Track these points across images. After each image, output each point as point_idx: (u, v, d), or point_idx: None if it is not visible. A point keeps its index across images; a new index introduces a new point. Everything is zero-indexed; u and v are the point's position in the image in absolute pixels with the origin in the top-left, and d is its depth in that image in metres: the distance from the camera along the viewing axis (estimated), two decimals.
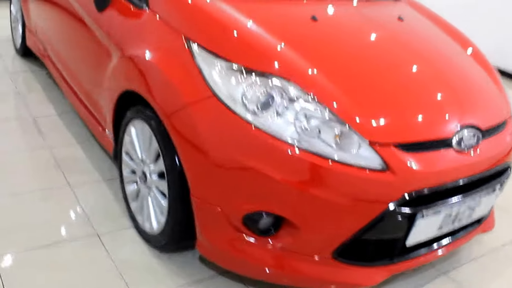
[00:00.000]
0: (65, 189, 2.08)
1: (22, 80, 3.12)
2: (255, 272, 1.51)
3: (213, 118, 1.39)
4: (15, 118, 2.63)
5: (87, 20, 2.05)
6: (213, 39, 1.48)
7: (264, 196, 1.37)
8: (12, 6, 3.56)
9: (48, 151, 2.34)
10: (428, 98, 1.52)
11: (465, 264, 1.94)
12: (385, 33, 1.80)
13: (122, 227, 1.89)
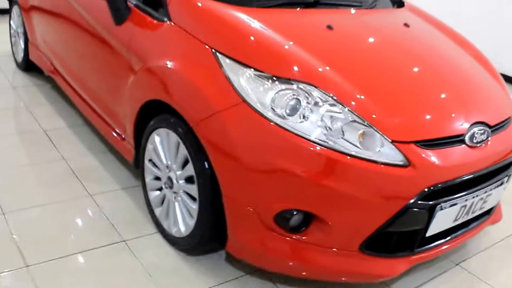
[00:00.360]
0: (87, 199, 2.14)
1: (27, 94, 3.17)
2: (285, 268, 1.60)
3: (244, 123, 1.48)
4: (26, 132, 2.69)
5: (103, 33, 2.13)
6: (239, 49, 1.58)
7: (295, 194, 1.47)
8: (11, 21, 3.62)
9: (64, 163, 2.41)
10: (441, 98, 1.64)
11: (475, 255, 2.06)
12: (394, 39, 1.93)
13: (147, 233, 1.96)
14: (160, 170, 1.89)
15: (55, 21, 2.69)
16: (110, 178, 2.32)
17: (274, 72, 1.51)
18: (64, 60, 2.70)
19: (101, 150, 2.56)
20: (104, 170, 2.38)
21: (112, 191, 2.22)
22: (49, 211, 2.03)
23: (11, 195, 2.10)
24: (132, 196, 2.20)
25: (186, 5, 1.77)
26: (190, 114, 1.60)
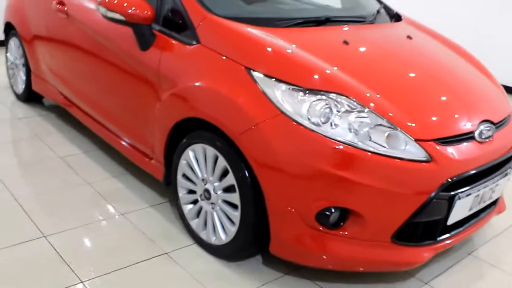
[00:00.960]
0: (120, 218, 2.27)
1: (35, 125, 3.27)
2: (326, 263, 1.78)
3: (284, 133, 1.68)
4: (44, 160, 2.79)
5: (125, 59, 2.29)
6: (271, 66, 1.79)
7: (333, 193, 1.67)
8: (8, 53, 3.72)
9: (89, 187, 2.53)
10: (451, 100, 1.90)
11: (484, 244, 2.30)
12: (402, 49, 2.20)
13: (185, 244, 2.11)
14: (195, 183, 2.05)
15: (67, 50, 2.83)
16: (137, 197, 2.46)
17: (307, 85, 1.73)
18: (77, 87, 2.84)
19: (121, 172, 2.69)
20: (129, 190, 2.52)
21: (141, 209, 2.36)
22: (88, 231, 2.15)
23: (48, 219, 2.21)
24: (162, 212, 2.34)
25: (216, 29, 1.98)
26: (231, 128, 1.79)
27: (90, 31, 2.55)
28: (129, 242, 2.10)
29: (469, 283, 2.03)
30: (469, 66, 2.30)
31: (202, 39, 1.98)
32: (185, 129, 2.07)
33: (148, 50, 2.15)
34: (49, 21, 2.99)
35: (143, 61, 2.19)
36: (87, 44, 2.60)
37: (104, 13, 2.16)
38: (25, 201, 2.34)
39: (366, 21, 2.41)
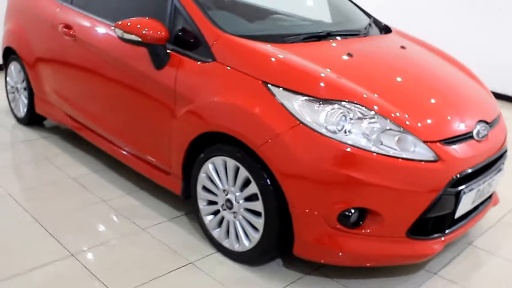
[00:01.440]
0: (142, 233, 2.37)
1: (40, 147, 3.34)
2: (347, 260, 1.94)
3: (304, 141, 1.83)
4: (56, 181, 2.86)
5: (139, 79, 2.41)
6: (287, 79, 1.94)
7: (353, 194, 1.83)
8: (8, 78, 3.77)
9: (106, 204, 2.62)
10: (451, 104, 2.10)
11: (482, 234, 2.50)
12: (400, 59, 2.39)
13: (208, 253, 2.23)
14: (215, 195, 2.18)
15: (76, 72, 2.92)
16: (154, 212, 2.56)
17: (322, 95, 1.89)
18: (87, 109, 2.93)
19: (134, 189, 2.79)
20: (145, 206, 2.62)
21: (161, 223, 2.46)
22: (113, 247, 2.25)
23: (72, 238, 2.30)
24: (180, 224, 2.45)
25: (231, 46, 2.12)
26: (252, 140, 1.93)
27: (102, 53, 2.66)
28: (154, 254, 2.21)
29: (472, 270, 2.23)
30: (459, 72, 2.52)
31: (217, 57, 2.12)
32: (202, 144, 2.20)
33: (163, 69, 2.28)
34: (54, 44, 3.08)
35: (158, 80, 2.31)
36: (98, 66, 2.70)
37: (121, 35, 2.28)
38: (46, 222, 2.42)
39: (361, 34, 2.60)
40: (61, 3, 3.11)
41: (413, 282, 2.11)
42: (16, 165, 3.08)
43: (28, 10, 3.42)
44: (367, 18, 2.90)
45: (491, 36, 5.15)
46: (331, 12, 3.02)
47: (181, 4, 2.30)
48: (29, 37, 3.38)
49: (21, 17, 3.50)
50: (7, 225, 2.38)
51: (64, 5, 3.07)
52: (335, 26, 2.76)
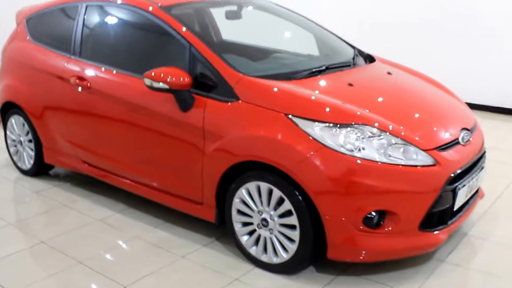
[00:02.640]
0: (182, 260, 2.71)
1: (57, 195, 3.58)
2: (372, 256, 2.38)
3: (328, 160, 2.27)
4: (85, 225, 3.13)
5: (166, 121, 2.76)
6: (307, 110, 2.39)
7: (374, 200, 2.28)
8: (8, 132, 3.99)
9: (140, 239, 2.93)
10: (438, 118, 2.62)
11: (474, 225, 3.01)
12: (390, 84, 2.92)
13: (248, 269, 2.60)
14: (250, 216, 2.56)
15: (94, 121, 3.23)
16: (186, 241, 2.89)
17: (338, 121, 2.35)
18: (107, 153, 3.24)
19: (160, 223, 3.11)
20: (176, 237, 2.95)
21: (197, 249, 2.80)
22: (160, 276, 2.57)
23: (120, 273, 2.59)
24: (215, 248, 2.81)
25: (252, 86, 2.55)
26: (283, 164, 2.34)
27: (122, 101, 3.00)
28: (201, 276, 2.55)
29: (472, 254, 2.74)
30: (437, 89, 3.08)
31: (241, 97, 2.54)
32: (231, 173, 2.58)
33: (190, 111, 2.67)
34: (66, 96, 3.37)
35: (185, 121, 2.69)
36: (119, 113, 3.04)
37: (150, 84, 2.66)
38: (91, 263, 2.70)
39: (351, 65, 3.11)
40: (69, 56, 3.44)
41: (427, 269, 2.57)
42: (40, 215, 3.32)
43: (30, 65, 3.70)
44: (351, 48, 3.43)
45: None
46: (318, 46, 3.54)
47: (199, 52, 2.71)
48: (34, 91, 3.65)
49: (22, 72, 3.77)
50: (54, 270, 2.64)
51: (72, 58, 3.40)
52: (328, 60, 3.21)
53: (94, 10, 3.44)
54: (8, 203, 3.55)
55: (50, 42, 3.66)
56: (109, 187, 3.48)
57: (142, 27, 3.26)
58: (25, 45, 3.83)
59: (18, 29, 4.00)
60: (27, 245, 2.93)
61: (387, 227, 2.33)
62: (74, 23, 3.47)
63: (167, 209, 3.09)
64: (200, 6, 3.58)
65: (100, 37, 3.50)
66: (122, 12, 3.34)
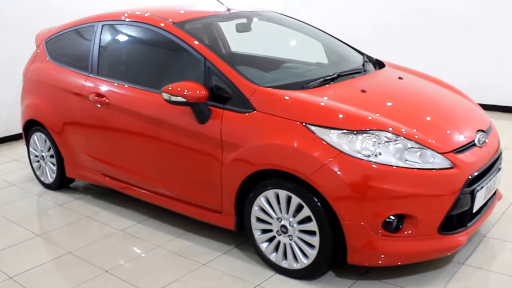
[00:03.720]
0: (204, 267, 2.74)
1: (79, 207, 3.65)
2: (391, 260, 2.37)
3: (346, 166, 2.29)
4: (108, 236, 3.20)
5: (185, 133, 2.81)
6: (323, 118, 2.42)
7: (393, 204, 2.28)
8: (31, 148, 4.10)
9: (162, 249, 2.97)
10: (454, 121, 2.63)
11: (493, 226, 2.98)
12: (402, 88, 2.94)
13: (269, 275, 2.61)
14: (269, 223, 2.59)
15: (113, 135, 3.30)
16: (207, 249, 2.93)
17: (353, 127, 2.37)
18: (127, 166, 3.30)
19: (181, 233, 3.15)
20: (197, 245, 2.98)
21: (218, 257, 2.83)
22: (184, 283, 2.61)
23: (146, 281, 2.64)
24: (235, 255, 2.84)
25: (267, 97, 2.58)
26: (302, 171, 2.37)
27: (140, 115, 3.06)
28: (223, 284, 2.58)
29: (492, 256, 2.70)
30: (449, 92, 3.08)
31: (257, 107, 2.58)
32: (249, 182, 2.61)
33: (207, 123, 2.71)
34: (85, 112, 3.46)
35: (203, 133, 2.74)
36: (138, 126, 3.10)
37: (168, 98, 2.71)
38: (117, 272, 2.76)
39: (362, 72, 3.11)
40: (87, 74, 3.52)
41: (447, 272, 2.55)
42: (64, 226, 3.40)
43: (50, 84, 3.80)
44: (360, 55, 3.45)
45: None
46: (326, 54, 3.56)
47: (214, 65, 2.76)
48: (55, 108, 3.75)
49: (43, 91, 3.88)
50: (82, 280, 2.70)
51: (90, 76, 3.49)
52: (338, 67, 3.21)
53: (110, 29, 3.53)
54: (34, 215, 3.65)
55: (69, 62, 3.76)
56: (128, 198, 3.55)
57: (157, 43, 3.34)
58: (45, 66, 3.94)
59: (38, 50, 4.11)
60: (55, 255, 3.00)
61: (406, 231, 2.33)
62: (90, 42, 3.57)
63: (186, 218, 3.13)
64: (210, 21, 3.64)
65: (116, 54, 3.59)
66: (136, 30, 3.42)
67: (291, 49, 3.81)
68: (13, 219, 3.51)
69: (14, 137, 5.45)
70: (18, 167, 4.60)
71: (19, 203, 3.81)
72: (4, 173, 4.47)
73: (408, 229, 2.33)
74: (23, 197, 3.92)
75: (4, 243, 3.15)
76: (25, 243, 3.15)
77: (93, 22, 3.62)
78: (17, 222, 3.45)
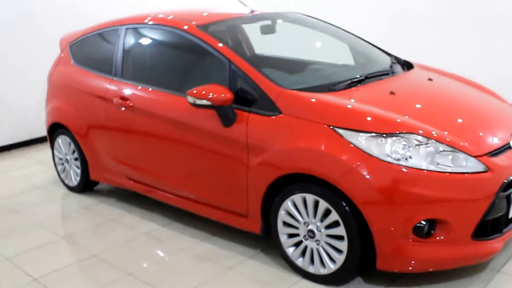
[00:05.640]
0: (230, 272, 2.71)
1: (104, 210, 3.67)
2: (423, 266, 2.31)
3: (375, 170, 2.23)
4: (132, 239, 3.19)
5: (210, 137, 2.79)
6: (351, 121, 2.36)
7: (424, 208, 2.22)
8: (55, 151, 4.14)
9: (186, 252, 2.95)
10: (487, 123, 2.54)
11: None
12: (433, 90, 2.87)
13: (295, 281, 2.57)
14: (296, 228, 2.54)
15: (137, 138, 3.30)
16: (232, 253, 2.89)
17: (383, 130, 2.31)
18: (152, 170, 3.29)
19: (206, 236, 3.12)
20: (222, 249, 2.95)
21: (242, 261, 2.80)
22: (210, 286, 2.58)
23: (170, 284, 2.62)
24: (260, 260, 2.80)
25: (294, 100, 2.54)
26: (330, 175, 2.32)
27: (164, 118, 3.05)
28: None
29: None
30: (482, 93, 2.99)
31: (283, 110, 2.54)
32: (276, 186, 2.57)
33: (232, 126, 2.68)
34: (110, 116, 3.47)
35: (228, 136, 2.71)
36: (162, 130, 3.09)
37: (193, 101, 2.69)
38: (140, 275, 2.75)
39: (390, 74, 3.05)
40: (111, 77, 3.54)
41: (481, 280, 2.47)
42: (89, 229, 3.42)
43: (75, 87, 3.83)
44: (387, 56, 3.38)
45: None
46: (352, 55, 3.50)
47: (239, 68, 2.74)
48: (80, 111, 3.77)
49: (68, 95, 3.91)
50: (105, 282, 2.70)
51: (115, 79, 3.50)
52: (365, 69, 3.16)
53: (134, 33, 3.54)
54: (59, 218, 3.68)
55: (93, 65, 3.78)
56: (152, 201, 3.54)
57: (181, 46, 3.33)
58: (70, 69, 3.97)
59: (62, 54, 4.16)
60: (79, 257, 3.02)
61: (438, 236, 2.26)
62: (114, 46, 3.58)
63: (210, 222, 3.11)
64: (234, 23, 3.62)
65: (140, 58, 3.59)
66: (160, 33, 3.42)
67: (316, 50, 3.75)
68: (38, 221, 3.54)
69: (39, 140, 5.53)
70: (43, 170, 4.65)
71: (43, 206, 3.85)
72: (29, 176, 4.53)
73: (440, 234, 2.26)
74: (47, 200, 3.96)
75: (30, 245, 3.18)
76: (49, 245, 3.18)
77: (117, 25, 3.63)
78: (42, 225, 3.48)
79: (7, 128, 5.34)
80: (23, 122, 5.43)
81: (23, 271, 2.87)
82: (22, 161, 5.00)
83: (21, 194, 4.10)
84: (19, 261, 2.99)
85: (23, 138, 5.49)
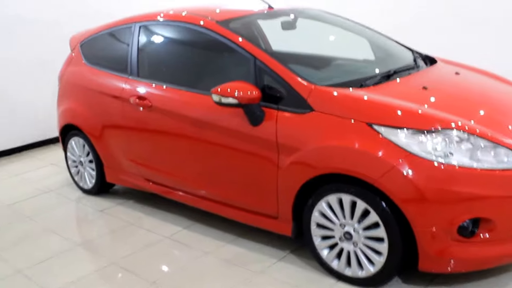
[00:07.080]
0: (262, 275, 2.59)
1: (121, 213, 3.52)
2: (467, 266, 2.22)
3: (416, 168, 2.12)
4: (154, 243, 3.06)
5: (236, 136, 2.66)
6: (390, 118, 2.25)
7: (468, 207, 2.12)
8: (69, 153, 3.99)
9: (211, 256, 2.83)
10: None
11: None
12: (462, 84, 2.77)
13: (329, 284, 2.46)
14: (331, 229, 2.43)
15: (157, 138, 3.16)
16: (261, 256, 2.78)
17: (423, 127, 2.20)
18: (173, 171, 3.15)
19: (232, 239, 3.00)
20: (250, 252, 2.83)
21: (273, 264, 2.68)
22: None
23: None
24: (292, 262, 2.68)
25: (326, 96, 2.42)
26: (368, 174, 2.21)
27: (187, 118, 2.91)
28: None
29: None
30: (508, 87, 2.88)
31: (315, 107, 2.42)
32: (308, 187, 2.45)
33: (261, 125, 2.56)
34: (126, 116, 3.32)
35: (256, 135, 2.58)
36: (184, 130, 2.95)
37: (218, 100, 2.56)
38: (164, 281, 2.62)
39: (415, 68, 2.94)
40: (126, 76, 3.39)
41: None
42: (107, 234, 3.27)
43: (87, 87, 3.68)
44: (408, 51, 3.27)
45: None
46: (373, 50, 3.38)
47: (265, 65, 2.61)
48: (93, 112, 3.62)
49: (80, 95, 3.76)
50: None
51: (130, 78, 3.36)
52: (389, 64, 3.04)
53: (149, 30, 3.40)
54: (73, 223, 3.53)
55: (106, 64, 3.64)
56: (172, 203, 3.41)
57: (200, 43, 3.19)
58: (81, 69, 3.83)
59: (73, 53, 4.00)
60: (98, 266, 2.85)
61: (483, 235, 2.16)
62: (128, 44, 3.44)
63: (233, 223, 2.99)
64: (253, 19, 3.48)
65: (157, 56, 3.45)
66: (177, 30, 3.28)
67: (336, 46, 3.63)
68: (52, 227, 3.38)
69: (51, 140, 5.38)
70: (55, 171, 4.50)
71: (57, 210, 3.69)
72: (41, 178, 4.37)
73: (484, 233, 2.16)
74: (61, 204, 3.80)
75: (45, 254, 3.00)
76: (65, 254, 3.00)
77: (130, 23, 3.49)
78: (56, 231, 3.31)
79: (18, 130, 5.19)
80: (34, 123, 5.27)
81: (36, 284, 2.70)
82: (34, 163, 4.84)
83: (33, 197, 3.94)
84: (31, 273, 2.81)
85: (34, 139, 5.33)
